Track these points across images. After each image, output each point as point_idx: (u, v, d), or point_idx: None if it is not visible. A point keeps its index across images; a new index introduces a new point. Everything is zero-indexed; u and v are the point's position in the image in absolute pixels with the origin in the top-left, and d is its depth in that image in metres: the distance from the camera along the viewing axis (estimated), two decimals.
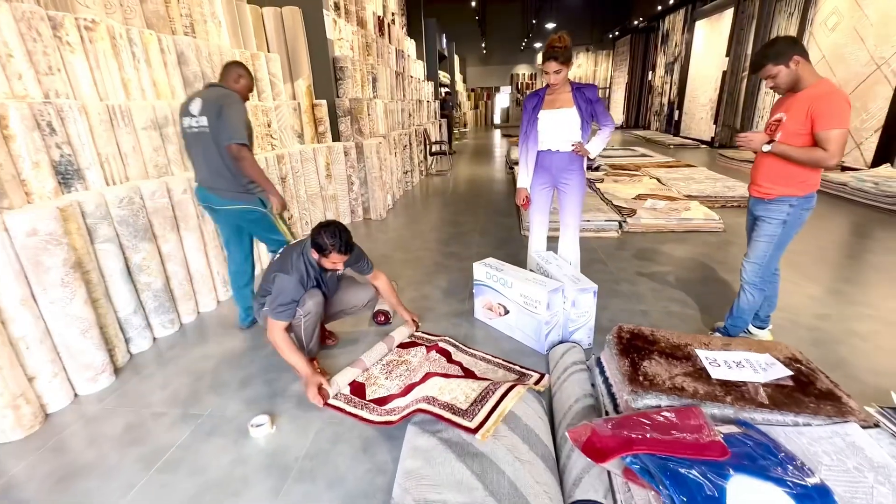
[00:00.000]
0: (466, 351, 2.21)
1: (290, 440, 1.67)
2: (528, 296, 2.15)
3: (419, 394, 1.75)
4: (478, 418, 1.52)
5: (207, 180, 2.22)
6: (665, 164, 7.33)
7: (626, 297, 2.79)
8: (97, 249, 2.09)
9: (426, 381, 1.84)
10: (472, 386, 1.72)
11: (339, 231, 1.86)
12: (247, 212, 2.29)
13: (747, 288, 2.01)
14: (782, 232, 1.89)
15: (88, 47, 2.28)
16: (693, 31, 11.72)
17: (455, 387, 1.72)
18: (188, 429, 1.75)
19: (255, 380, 2.05)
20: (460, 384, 1.74)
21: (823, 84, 1.72)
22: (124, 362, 2.21)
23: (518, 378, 1.97)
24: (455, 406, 1.59)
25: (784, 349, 1.69)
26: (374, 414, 1.76)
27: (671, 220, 4.10)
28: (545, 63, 2.23)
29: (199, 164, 2.23)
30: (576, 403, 1.65)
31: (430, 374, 1.90)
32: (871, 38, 5.95)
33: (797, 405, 1.42)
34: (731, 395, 1.46)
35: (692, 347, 1.71)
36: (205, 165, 2.20)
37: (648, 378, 1.54)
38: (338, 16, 4.99)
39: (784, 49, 1.75)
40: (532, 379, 1.96)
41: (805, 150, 1.73)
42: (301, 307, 1.91)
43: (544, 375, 1.98)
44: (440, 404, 1.61)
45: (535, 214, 2.59)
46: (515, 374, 2.02)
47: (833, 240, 3.75)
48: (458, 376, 1.91)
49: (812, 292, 2.76)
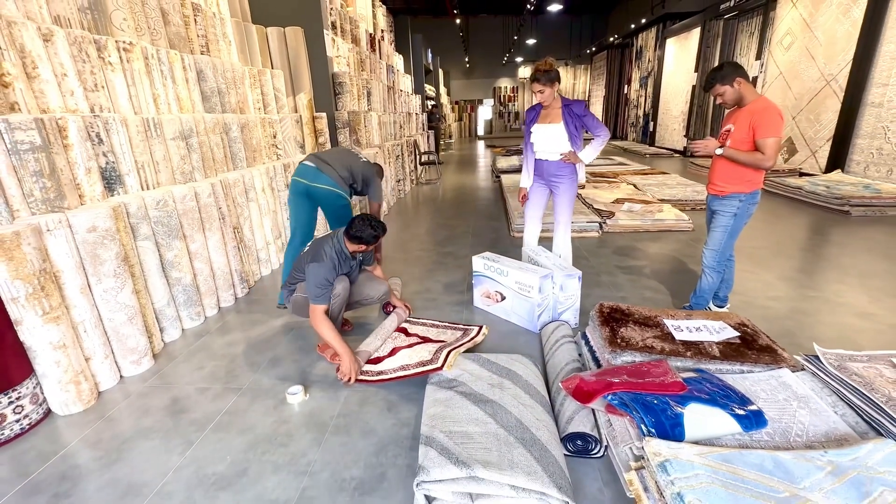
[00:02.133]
0: (418, 322, 2.61)
1: (323, 404, 1.94)
2: (522, 282, 2.47)
3: (392, 364, 2.14)
4: (440, 360, 2.00)
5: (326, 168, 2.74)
6: (641, 172, 7.82)
7: (606, 286, 3.14)
8: (138, 246, 2.33)
9: (394, 354, 2.24)
10: (430, 348, 2.19)
11: (372, 220, 2.24)
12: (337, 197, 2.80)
13: (707, 271, 2.38)
14: (734, 223, 2.26)
15: (126, 66, 2.54)
16: (665, 48, 12.45)
17: (419, 350, 2.20)
18: (231, 399, 2.00)
19: (283, 360, 2.31)
20: (423, 347, 2.22)
21: (761, 101, 2.11)
22: (159, 349, 2.44)
23: (463, 333, 2.43)
24: (423, 361, 2.05)
25: (735, 317, 2.05)
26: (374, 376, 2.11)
27: (646, 221, 4.50)
28: (532, 84, 2.64)
29: (332, 157, 2.82)
30: (566, 366, 1.97)
31: (396, 349, 2.28)
32: (821, 57, 6.57)
33: (742, 357, 1.76)
34: (690, 351, 1.79)
35: (661, 318, 2.05)
36: (338, 161, 2.80)
37: (625, 340, 1.87)
38: (335, 34, 5.31)
39: (729, 72, 2.14)
40: (474, 332, 2.42)
41: (748, 154, 2.11)
42: (331, 290, 2.19)
43: (482, 327, 2.49)
44: (412, 366, 2.04)
45: (530, 210, 2.98)
46: (460, 330, 2.48)
47: (788, 236, 4.20)
48: (418, 343, 2.31)
49: (766, 279, 3.16)
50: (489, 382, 1.77)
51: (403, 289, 3.18)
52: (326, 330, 2.07)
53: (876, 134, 5.73)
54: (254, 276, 3.41)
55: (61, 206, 2.01)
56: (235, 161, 3.47)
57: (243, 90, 3.77)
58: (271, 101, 4.24)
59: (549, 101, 2.66)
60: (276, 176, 3.87)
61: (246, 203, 3.32)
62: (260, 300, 3.10)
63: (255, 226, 3.44)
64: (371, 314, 2.83)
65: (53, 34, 2.11)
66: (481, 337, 2.40)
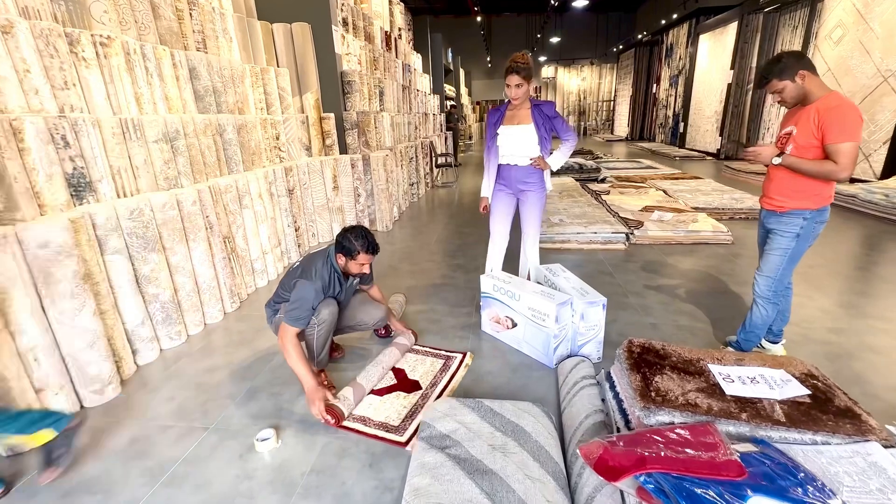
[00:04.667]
0: (396, 346, 2.27)
1: (295, 454, 1.65)
2: (537, 309, 2.13)
3: (357, 411, 1.88)
4: (408, 433, 1.72)
5: None
6: (671, 177, 7.32)
7: (634, 309, 2.76)
8: (106, 261, 2.11)
9: (362, 399, 1.95)
10: (404, 402, 1.92)
11: (365, 232, 1.93)
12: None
13: (760, 302, 1.98)
14: (796, 245, 1.87)
15: (103, 62, 2.32)
16: (697, 45, 11.80)
17: (389, 405, 1.92)
18: (195, 440, 1.74)
19: (261, 392, 2.04)
20: (394, 401, 1.94)
21: (833, 97, 1.71)
22: (131, 374, 2.21)
23: (444, 364, 2.19)
24: (388, 424, 1.79)
25: (799, 365, 1.66)
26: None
27: (679, 233, 4.07)
28: (508, 76, 2.32)
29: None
30: (586, 419, 1.62)
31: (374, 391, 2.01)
32: (878, 51, 5.95)
33: (815, 423, 1.38)
34: (746, 412, 1.42)
35: (705, 362, 1.68)
36: None
37: (661, 393, 1.51)
38: (346, 31, 5.07)
39: (790, 64, 1.75)
40: (455, 364, 2.19)
41: (816, 163, 1.72)
42: (316, 315, 1.91)
43: (466, 354, 2.27)
44: (374, 424, 1.79)
45: (497, 223, 2.64)
46: (442, 359, 2.24)
47: (842, 252, 3.71)
48: (391, 389, 2.03)
49: (823, 305, 2.72)
50: (490, 443, 1.44)
51: (405, 307, 2.88)
52: (293, 355, 1.80)
53: None
54: (247, 289, 3.17)
55: (12, 217, 1.79)
56: (230, 165, 3.24)
57: (243, 89, 3.55)
58: (275, 101, 4.02)
59: (523, 98, 2.38)
60: (275, 180, 3.63)
61: (239, 210, 3.09)
62: (250, 316, 2.86)
63: (249, 234, 3.20)
64: (366, 338, 2.54)
65: (13, 26, 1.90)
66: (464, 369, 2.16)
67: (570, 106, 21.90)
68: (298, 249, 3.99)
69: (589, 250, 3.98)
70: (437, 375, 2.11)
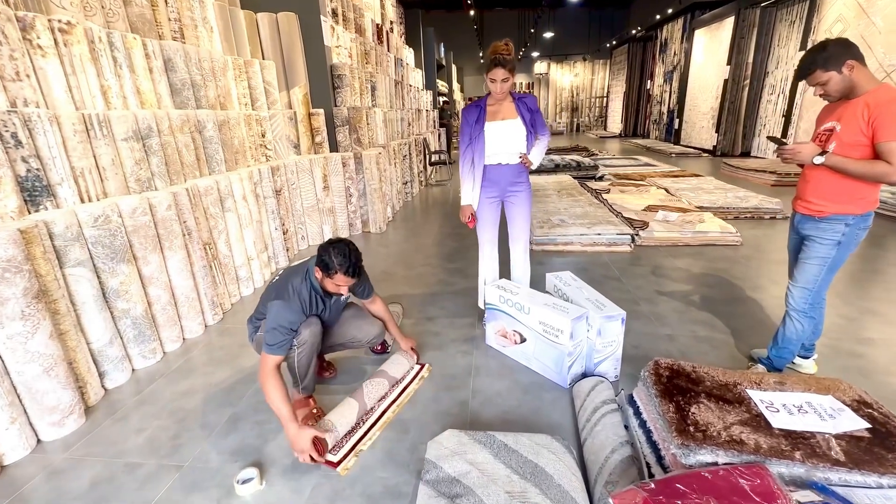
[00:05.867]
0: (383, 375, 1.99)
1: (281, 499, 1.44)
2: (549, 323, 1.94)
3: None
4: (340, 453, 1.61)
5: None
6: (671, 174, 7.17)
7: (647, 319, 2.58)
8: (67, 275, 1.87)
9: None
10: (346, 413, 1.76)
11: (349, 251, 1.66)
12: None
13: (795, 316, 1.81)
14: (836, 254, 1.69)
15: (63, 51, 2.08)
16: (692, 40, 11.67)
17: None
18: (165, 483, 1.52)
19: (243, 421, 1.82)
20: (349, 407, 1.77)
21: (885, 90, 1.53)
22: (97, 399, 1.98)
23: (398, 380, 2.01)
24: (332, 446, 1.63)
25: (848, 389, 1.48)
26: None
27: (686, 234, 3.91)
28: (493, 70, 2.07)
29: None
30: (612, 454, 1.44)
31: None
32: (880, 46, 5.84)
33: (879, 463, 1.20)
34: (799, 451, 1.24)
35: (743, 387, 1.50)
36: None
37: (700, 428, 1.32)
38: (336, 22, 4.82)
39: (836, 53, 1.56)
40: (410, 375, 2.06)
41: (865, 164, 1.54)
42: (296, 337, 1.69)
43: (424, 366, 2.14)
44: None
45: (485, 232, 2.43)
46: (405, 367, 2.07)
47: (866, 257, 3.56)
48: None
49: (846, 313, 2.56)
50: (507, 489, 1.25)
51: (402, 319, 2.68)
52: (272, 393, 1.54)
53: None
54: (231, 298, 2.94)
55: None
56: (211, 164, 3.00)
57: (225, 83, 3.30)
58: (261, 96, 3.77)
59: (505, 93, 2.15)
60: (261, 181, 3.40)
61: (221, 213, 2.85)
62: (234, 329, 2.63)
63: (233, 239, 2.97)
64: (360, 355, 2.33)
65: None
66: (416, 383, 2.03)
67: (563, 102, 21.75)
68: (287, 254, 3.76)
69: (593, 252, 3.80)
70: (388, 389, 1.93)
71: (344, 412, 1.73)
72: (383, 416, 1.81)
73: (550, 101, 21.96)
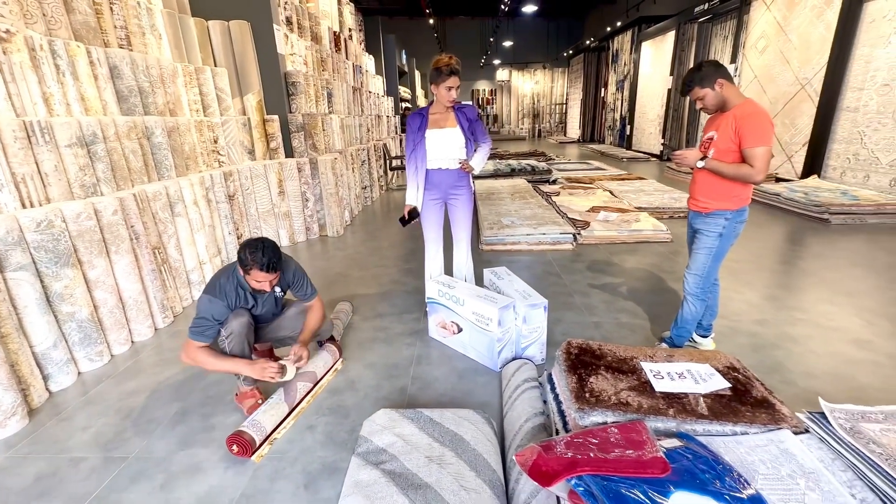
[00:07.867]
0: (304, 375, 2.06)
1: (225, 480, 1.55)
2: (480, 313, 2.13)
3: None
4: (256, 444, 1.66)
5: None
6: (618, 177, 7.62)
7: (579, 309, 2.83)
8: (8, 279, 1.90)
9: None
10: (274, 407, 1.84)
11: (264, 248, 1.73)
12: None
13: (689, 299, 2.08)
14: (720, 244, 1.97)
15: (2, 59, 2.10)
16: (640, 51, 12.38)
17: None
18: (110, 474, 1.59)
19: (190, 414, 1.91)
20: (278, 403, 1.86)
21: (747, 105, 1.82)
22: (41, 402, 2.00)
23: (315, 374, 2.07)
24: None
25: (722, 358, 1.74)
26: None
27: (622, 232, 4.23)
28: (448, 78, 2.25)
29: None
30: (526, 423, 1.63)
31: None
32: (796, 61, 6.47)
33: (735, 414, 1.45)
34: (673, 408, 1.47)
35: (638, 360, 1.73)
36: None
37: (595, 394, 1.54)
38: (290, 31, 4.91)
39: (709, 73, 1.84)
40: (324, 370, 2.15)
41: (735, 167, 1.82)
42: (224, 327, 1.80)
43: (337, 361, 2.24)
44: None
45: (429, 231, 2.62)
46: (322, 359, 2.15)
47: (768, 247, 3.98)
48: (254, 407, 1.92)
49: (750, 298, 2.90)
50: (427, 455, 1.41)
51: (352, 316, 2.81)
52: (209, 360, 1.72)
53: (852, 139, 5.62)
54: (182, 302, 2.98)
55: None
56: (160, 170, 3.04)
57: (175, 89, 3.34)
58: (213, 103, 3.82)
59: (456, 101, 2.36)
60: (213, 186, 3.45)
61: (171, 218, 2.89)
62: (185, 332, 2.65)
63: (183, 244, 3.01)
64: None
65: None
66: (332, 374, 2.17)
67: (525, 108, 22.40)
68: None
69: (538, 251, 4.05)
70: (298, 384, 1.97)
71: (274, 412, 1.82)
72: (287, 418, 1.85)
73: (513, 107, 22.58)
